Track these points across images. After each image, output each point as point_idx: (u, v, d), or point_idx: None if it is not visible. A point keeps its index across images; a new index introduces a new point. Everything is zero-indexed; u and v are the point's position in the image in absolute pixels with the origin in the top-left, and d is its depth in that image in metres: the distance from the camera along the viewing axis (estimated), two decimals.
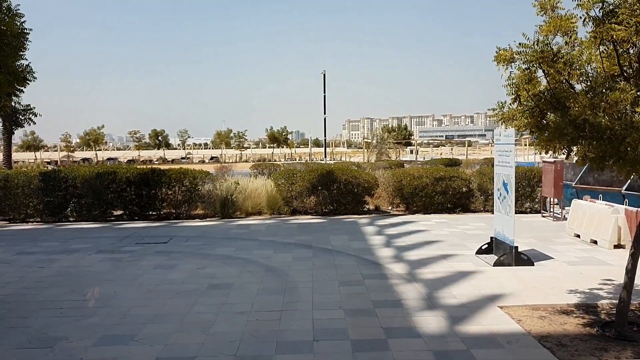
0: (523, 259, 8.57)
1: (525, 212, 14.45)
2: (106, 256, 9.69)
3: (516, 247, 8.56)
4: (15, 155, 70.58)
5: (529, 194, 14.61)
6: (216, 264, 8.95)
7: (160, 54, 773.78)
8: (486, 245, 9.48)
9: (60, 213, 14.13)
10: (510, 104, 5.69)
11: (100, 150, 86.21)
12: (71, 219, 14.32)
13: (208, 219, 14.11)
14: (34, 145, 73.62)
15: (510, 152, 8.69)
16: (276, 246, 10.34)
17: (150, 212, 14.29)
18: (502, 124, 5.89)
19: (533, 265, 8.53)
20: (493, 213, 14.56)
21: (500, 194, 9.15)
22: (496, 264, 8.55)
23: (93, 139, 74.41)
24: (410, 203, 14.67)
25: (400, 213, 14.82)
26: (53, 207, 14.00)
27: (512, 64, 5.75)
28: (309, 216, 14.43)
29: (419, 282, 7.59)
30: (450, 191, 14.39)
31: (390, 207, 15.49)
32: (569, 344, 5.21)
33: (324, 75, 42.22)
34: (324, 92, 42.24)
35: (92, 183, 13.77)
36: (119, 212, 14.58)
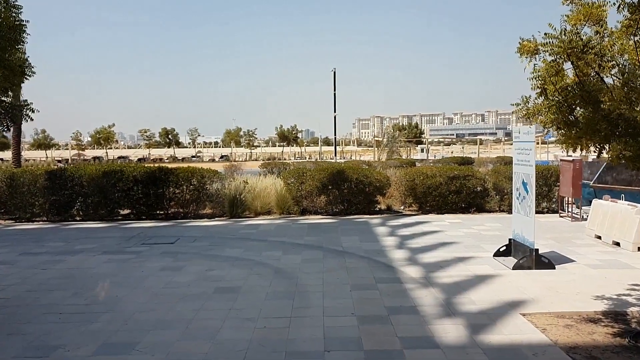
0: (544, 262, 8.19)
1: (542, 212, 14.03)
2: (111, 257, 9.44)
3: (536, 250, 8.17)
4: (26, 154, 71.03)
5: (546, 194, 14.20)
6: (224, 265, 8.66)
7: (171, 54, 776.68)
8: (504, 247, 9.09)
9: (66, 212, 13.93)
10: (535, 98, 5.33)
11: (112, 148, 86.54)
12: (77, 218, 14.12)
13: (216, 219, 13.84)
14: (44, 143, 73.99)
15: (530, 151, 8.31)
16: (285, 247, 10.04)
17: (158, 212, 14.04)
18: (526, 120, 5.53)
19: (554, 268, 8.15)
20: (509, 213, 14.23)
21: (519, 194, 8.76)
22: (516, 268, 8.17)
23: (104, 137, 74.68)
24: (423, 203, 14.30)
25: (413, 213, 14.46)
26: (59, 206, 13.80)
27: (536, 56, 5.39)
28: (319, 216, 14.11)
29: (435, 287, 7.24)
30: (465, 190, 14.00)
31: (402, 207, 15.12)
32: (600, 357, 4.85)
33: (334, 72, 41.88)
34: (334, 90, 41.90)
35: (98, 182, 13.55)
36: (126, 212, 14.36)
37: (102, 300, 6.89)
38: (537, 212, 13.83)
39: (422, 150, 70.65)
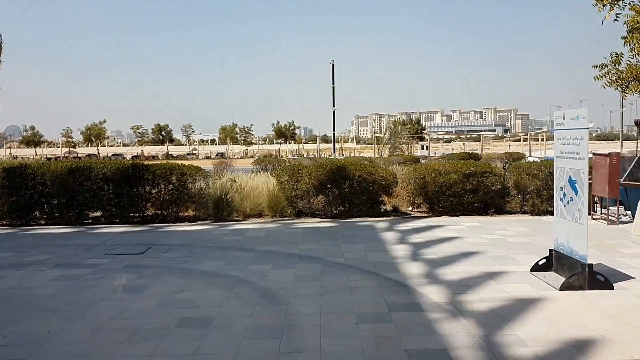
0: (599, 281, 6.49)
1: None
2: (63, 272, 7.72)
3: (590, 265, 6.49)
4: (15, 152, 69.18)
5: None
6: (197, 285, 6.95)
7: (169, 52, 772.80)
8: (544, 260, 7.40)
9: (27, 215, 12.17)
10: (633, 55, 3.63)
11: (105, 146, 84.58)
12: (42, 222, 12.38)
13: (199, 223, 12.10)
14: (34, 140, 71.93)
15: (581, 140, 6.61)
16: (276, 259, 8.33)
17: (132, 214, 12.30)
18: (616, 88, 3.84)
19: (612, 288, 6.45)
20: (532, 215, 12.53)
21: (564, 194, 7.05)
22: (564, 288, 6.47)
23: (95, 134, 72.58)
24: (434, 203, 12.58)
25: (424, 215, 12.74)
26: (19, 209, 12.03)
27: (619, 2, 3.68)
28: (317, 219, 12.39)
29: (467, 317, 5.54)
30: (482, 189, 12.28)
31: (410, 208, 13.42)
32: None
33: (333, 65, 40.11)
34: (333, 83, 40.05)
35: (63, 180, 11.81)
36: (97, 214, 12.63)
37: (27, 338, 5.17)
38: None
39: (422, 147, 68.97)
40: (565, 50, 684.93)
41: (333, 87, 40.42)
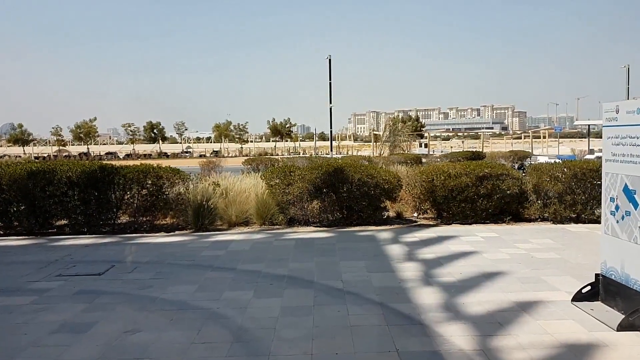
0: None
1: (598, 222, 10.93)
2: None
3: None
4: (5, 150, 67.53)
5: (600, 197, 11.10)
6: (157, 321, 5.52)
7: (165, 50, 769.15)
8: (588, 287, 6.01)
9: None
10: None
11: (97, 144, 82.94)
12: (0, 232, 10.93)
13: (177, 233, 10.65)
14: (22, 139, 69.97)
15: None
16: (260, 282, 6.91)
17: (102, 223, 10.85)
18: None
19: None
20: (554, 223, 11.12)
21: (617, 207, 5.67)
22: (623, 327, 5.07)
23: (85, 132, 70.65)
24: (443, 209, 11.18)
25: (431, 223, 11.32)
26: None
27: None
28: (311, 227, 10.96)
29: None
30: (498, 194, 10.87)
31: (416, 214, 12.01)
32: None
33: (329, 60, 38.62)
34: (330, 79, 38.59)
35: (22, 185, 10.35)
36: (63, 222, 11.18)
37: None
38: (591, 222, 10.83)
39: (420, 145, 67.52)
40: (563, 48, 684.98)
41: (330, 83, 39.00)
